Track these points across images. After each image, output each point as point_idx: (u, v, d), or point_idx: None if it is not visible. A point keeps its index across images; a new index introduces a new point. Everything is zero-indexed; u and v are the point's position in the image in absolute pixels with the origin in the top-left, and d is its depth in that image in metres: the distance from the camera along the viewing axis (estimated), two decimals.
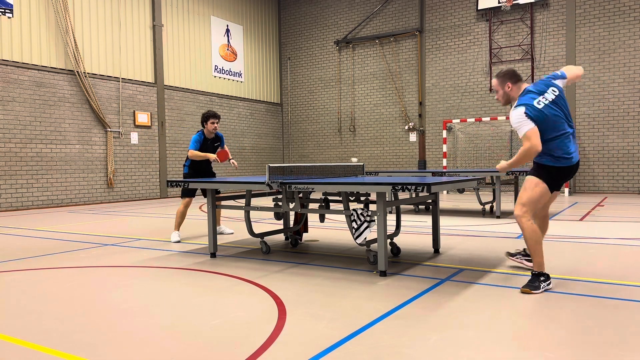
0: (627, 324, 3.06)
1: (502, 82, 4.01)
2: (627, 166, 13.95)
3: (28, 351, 2.78)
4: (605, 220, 8.11)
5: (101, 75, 13.37)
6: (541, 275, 3.79)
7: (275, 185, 4.77)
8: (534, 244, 3.80)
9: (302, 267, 4.86)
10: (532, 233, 3.80)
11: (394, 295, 3.78)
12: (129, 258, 5.51)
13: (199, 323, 3.21)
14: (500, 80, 4.02)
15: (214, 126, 6.80)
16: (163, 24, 15.09)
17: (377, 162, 17.74)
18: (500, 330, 3.00)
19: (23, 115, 11.73)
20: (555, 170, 3.85)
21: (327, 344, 2.80)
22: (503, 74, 4.03)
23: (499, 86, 4.04)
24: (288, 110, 19.66)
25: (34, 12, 11.95)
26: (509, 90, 4.00)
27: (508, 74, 4.01)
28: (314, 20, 18.91)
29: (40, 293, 4.04)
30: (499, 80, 4.04)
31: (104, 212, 10.87)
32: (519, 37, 15.20)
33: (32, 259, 5.51)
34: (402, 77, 17.21)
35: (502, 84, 4.02)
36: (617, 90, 13.98)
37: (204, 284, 4.27)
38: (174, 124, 15.45)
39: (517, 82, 3.98)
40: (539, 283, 3.75)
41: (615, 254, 5.22)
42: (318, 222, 7.87)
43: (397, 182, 4.22)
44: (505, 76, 4.01)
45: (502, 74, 4.04)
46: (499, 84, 4.03)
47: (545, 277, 3.80)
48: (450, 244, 5.94)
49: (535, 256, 3.81)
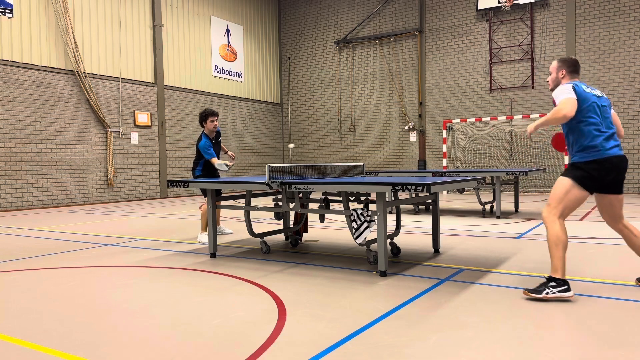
0: (627, 324, 3.06)
1: (559, 68, 3.94)
2: (627, 166, 13.94)
3: (28, 351, 2.78)
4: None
5: (101, 75, 13.37)
6: (552, 281, 3.56)
7: (275, 185, 4.77)
8: (553, 246, 3.61)
9: (302, 267, 4.86)
10: (555, 237, 3.60)
11: (394, 295, 3.78)
12: (129, 258, 5.51)
13: (199, 323, 3.21)
14: (558, 65, 3.95)
15: (214, 124, 6.67)
16: (163, 24, 15.09)
17: (377, 162, 17.75)
18: (500, 330, 3.00)
19: (23, 115, 11.73)
20: (586, 165, 3.65)
21: (327, 344, 2.80)
22: (563, 60, 3.95)
23: (554, 69, 3.97)
24: (288, 110, 19.66)
25: (34, 12, 11.95)
26: (562, 77, 3.92)
27: (568, 61, 3.93)
28: (314, 20, 18.91)
29: (40, 293, 4.04)
30: (557, 65, 3.96)
31: (104, 212, 10.87)
32: (519, 37, 15.20)
33: (32, 259, 5.51)
34: (402, 77, 17.21)
35: (558, 69, 3.95)
36: (617, 90, 13.98)
37: (204, 284, 4.27)
38: (174, 124, 15.45)
39: (571, 72, 3.91)
40: (544, 288, 3.55)
41: (615, 254, 5.22)
42: (318, 222, 7.88)
43: (397, 182, 4.22)
44: (564, 63, 3.93)
45: (563, 59, 3.96)
46: (556, 68, 3.96)
47: (559, 283, 3.53)
48: (450, 244, 5.94)
49: (552, 258, 3.61)
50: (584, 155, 3.68)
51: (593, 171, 3.65)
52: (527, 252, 5.32)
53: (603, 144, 3.66)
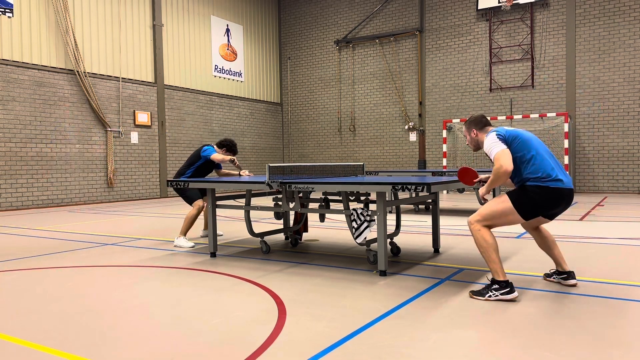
0: (627, 323, 3.07)
1: (469, 129, 3.96)
2: (627, 166, 13.96)
3: (28, 351, 2.78)
4: (605, 220, 8.11)
5: (101, 75, 13.37)
6: (495, 284, 3.58)
7: (275, 185, 4.78)
8: (483, 251, 3.62)
9: (302, 266, 4.86)
10: (481, 240, 3.63)
11: (394, 295, 3.78)
12: (129, 258, 5.51)
13: (199, 323, 3.21)
14: (467, 127, 3.98)
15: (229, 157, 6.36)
16: (163, 23, 15.09)
17: (377, 162, 17.74)
18: (500, 330, 3.00)
19: (23, 115, 11.73)
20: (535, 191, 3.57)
21: (327, 343, 2.80)
22: (470, 121, 3.96)
23: (466, 132, 3.99)
24: (288, 110, 19.66)
25: (34, 12, 11.95)
26: (475, 136, 3.92)
27: (474, 120, 3.93)
28: (314, 20, 18.90)
29: (40, 293, 4.04)
30: (466, 127, 3.99)
31: (104, 212, 10.87)
32: (519, 37, 15.20)
33: (32, 259, 5.51)
34: (402, 77, 17.20)
35: (468, 130, 3.97)
36: (617, 90, 13.98)
37: (204, 283, 4.27)
38: (174, 123, 15.45)
39: (482, 127, 3.89)
40: (487, 291, 3.58)
41: (615, 254, 5.22)
42: (318, 222, 7.88)
43: (397, 182, 4.22)
44: (471, 123, 3.94)
45: (469, 120, 3.96)
46: (466, 129, 3.98)
47: (502, 285, 3.55)
48: (450, 244, 5.94)
49: (488, 262, 3.62)
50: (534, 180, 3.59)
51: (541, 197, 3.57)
52: (526, 252, 5.32)
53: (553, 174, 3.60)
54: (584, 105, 14.38)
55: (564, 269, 3.96)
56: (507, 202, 3.64)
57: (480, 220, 3.68)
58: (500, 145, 3.59)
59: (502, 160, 3.52)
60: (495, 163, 3.56)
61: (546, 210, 3.66)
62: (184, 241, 6.17)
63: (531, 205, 3.60)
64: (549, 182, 3.56)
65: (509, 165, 3.50)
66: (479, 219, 3.69)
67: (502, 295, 3.54)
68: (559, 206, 3.64)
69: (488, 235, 3.63)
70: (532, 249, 5.48)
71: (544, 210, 3.65)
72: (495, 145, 3.60)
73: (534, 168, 3.60)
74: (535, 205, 3.60)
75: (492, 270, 3.61)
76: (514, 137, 3.67)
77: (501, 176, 3.52)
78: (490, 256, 3.60)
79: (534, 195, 3.58)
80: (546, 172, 3.59)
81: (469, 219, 3.75)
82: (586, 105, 14.35)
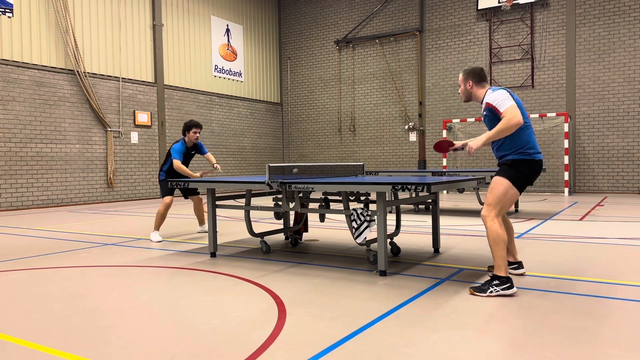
0: (627, 324, 3.07)
1: (465, 79, 4.06)
2: (627, 166, 13.96)
3: (28, 351, 2.78)
4: (605, 220, 8.11)
5: (101, 75, 13.37)
6: (496, 279, 3.67)
7: (275, 185, 4.78)
8: (494, 245, 3.70)
9: (302, 266, 4.86)
10: (495, 234, 3.70)
11: (394, 295, 3.78)
12: (129, 258, 5.51)
13: (199, 323, 3.21)
14: (464, 77, 4.07)
15: (197, 136, 6.89)
16: (163, 23, 15.09)
17: (377, 162, 17.74)
18: (500, 330, 3.00)
19: (23, 115, 11.73)
20: (524, 165, 3.79)
21: (327, 343, 2.80)
22: (468, 72, 4.06)
23: (461, 82, 4.09)
24: (288, 110, 19.66)
25: (34, 12, 11.95)
26: (470, 88, 4.04)
27: (472, 72, 4.04)
28: (314, 20, 18.90)
29: (40, 293, 4.04)
30: (462, 77, 4.08)
31: (104, 212, 10.87)
32: (519, 37, 15.20)
33: (32, 259, 5.51)
34: (402, 77, 17.21)
35: (464, 81, 4.06)
36: (617, 90, 13.98)
37: (204, 283, 4.27)
38: (174, 123, 15.45)
39: (479, 82, 4.02)
40: (489, 287, 3.65)
41: (615, 254, 5.22)
42: (318, 222, 7.88)
43: (397, 182, 4.22)
44: (469, 74, 4.04)
45: (467, 71, 4.07)
46: (462, 79, 4.08)
47: (502, 281, 3.65)
48: (450, 244, 5.94)
49: (494, 257, 3.70)
50: (524, 155, 3.81)
51: (530, 170, 3.83)
52: (526, 252, 5.32)
53: (537, 147, 3.88)
54: (584, 105, 14.38)
55: (515, 259, 4.29)
56: (504, 181, 3.81)
57: (491, 209, 3.78)
58: (511, 101, 3.74)
59: (515, 112, 3.68)
60: (506, 114, 3.68)
61: (531, 181, 3.89)
62: (154, 236, 6.63)
63: (523, 178, 3.82)
64: (534, 155, 3.82)
65: (521, 119, 3.65)
66: (489, 208, 3.80)
67: (503, 291, 3.64)
68: (537, 176, 3.91)
69: (500, 229, 3.73)
70: (532, 249, 5.48)
71: (530, 181, 3.88)
72: (507, 100, 3.75)
73: (525, 139, 3.82)
74: (526, 178, 3.83)
75: (496, 265, 3.70)
76: (516, 101, 3.82)
77: (512, 127, 3.67)
78: (499, 251, 3.70)
79: (525, 168, 3.80)
80: (532, 143, 3.84)
81: (482, 213, 3.84)
82: (586, 105, 14.35)
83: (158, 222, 6.74)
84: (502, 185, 3.80)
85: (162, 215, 6.73)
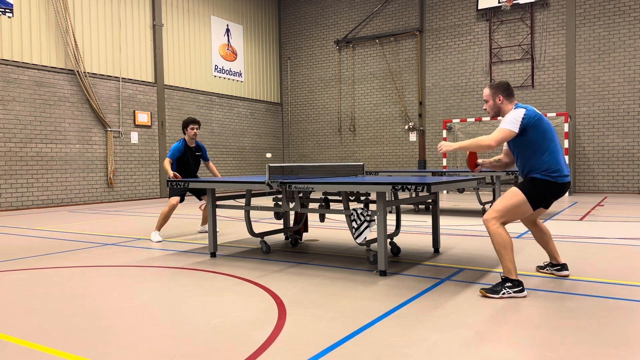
0: (627, 324, 3.07)
1: (494, 94, 3.93)
2: (627, 166, 13.96)
3: (28, 351, 2.78)
4: (605, 220, 8.11)
5: (101, 75, 13.37)
6: (507, 282, 3.63)
7: (275, 185, 4.78)
8: (501, 248, 3.65)
9: (302, 266, 4.86)
10: (498, 237, 3.65)
11: (394, 295, 3.78)
12: (129, 258, 5.51)
13: (199, 323, 3.21)
14: (493, 92, 3.93)
15: (194, 132, 6.86)
16: (163, 23, 15.09)
17: (377, 162, 17.74)
18: (500, 330, 3.00)
19: (23, 115, 11.73)
20: (546, 185, 3.72)
21: (327, 343, 2.80)
22: (497, 85, 3.94)
23: (490, 97, 3.96)
24: (288, 110, 19.66)
25: (34, 12, 11.95)
26: (500, 103, 3.92)
27: (502, 86, 3.92)
28: (314, 20, 18.90)
29: (41, 293, 4.04)
30: (491, 91, 3.94)
31: (104, 212, 10.87)
32: (519, 37, 15.20)
33: (32, 259, 5.51)
34: (402, 77, 17.20)
35: (493, 96, 3.93)
36: (617, 90, 13.98)
37: (204, 283, 4.27)
38: (174, 123, 15.45)
39: (508, 96, 3.91)
40: (501, 288, 3.61)
41: (615, 254, 5.22)
42: (318, 222, 7.88)
43: (397, 182, 4.22)
44: (498, 89, 3.92)
45: (496, 85, 3.95)
46: (491, 95, 3.94)
47: (514, 284, 3.62)
48: (450, 244, 5.94)
49: (502, 261, 3.66)
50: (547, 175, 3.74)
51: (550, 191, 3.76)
52: (527, 252, 5.32)
53: (565, 170, 3.79)
54: (584, 105, 14.38)
55: (558, 261, 4.24)
56: (520, 194, 3.74)
57: (497, 217, 3.72)
58: (514, 126, 3.69)
59: (497, 137, 3.69)
60: (494, 132, 3.69)
61: (550, 202, 3.84)
62: (154, 236, 6.62)
63: (541, 198, 3.76)
64: (558, 178, 3.73)
65: (495, 146, 3.70)
66: (495, 215, 3.73)
67: (515, 293, 3.62)
68: (559, 198, 3.85)
69: (505, 234, 3.69)
70: (532, 249, 5.48)
71: (549, 202, 3.83)
72: (510, 123, 3.71)
73: (549, 160, 3.73)
74: (545, 198, 3.78)
75: (505, 268, 3.67)
76: (538, 119, 3.74)
77: (480, 148, 3.73)
78: (507, 255, 3.66)
79: (545, 189, 3.74)
80: (558, 167, 3.74)
81: (485, 217, 3.78)
82: (586, 105, 14.35)
83: (160, 222, 6.73)
84: (517, 197, 3.72)
85: (166, 216, 6.71)
